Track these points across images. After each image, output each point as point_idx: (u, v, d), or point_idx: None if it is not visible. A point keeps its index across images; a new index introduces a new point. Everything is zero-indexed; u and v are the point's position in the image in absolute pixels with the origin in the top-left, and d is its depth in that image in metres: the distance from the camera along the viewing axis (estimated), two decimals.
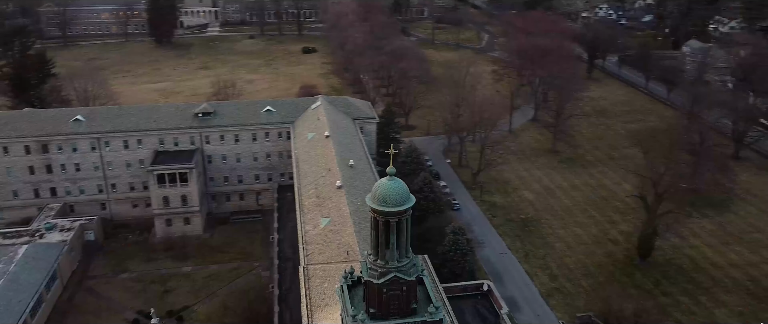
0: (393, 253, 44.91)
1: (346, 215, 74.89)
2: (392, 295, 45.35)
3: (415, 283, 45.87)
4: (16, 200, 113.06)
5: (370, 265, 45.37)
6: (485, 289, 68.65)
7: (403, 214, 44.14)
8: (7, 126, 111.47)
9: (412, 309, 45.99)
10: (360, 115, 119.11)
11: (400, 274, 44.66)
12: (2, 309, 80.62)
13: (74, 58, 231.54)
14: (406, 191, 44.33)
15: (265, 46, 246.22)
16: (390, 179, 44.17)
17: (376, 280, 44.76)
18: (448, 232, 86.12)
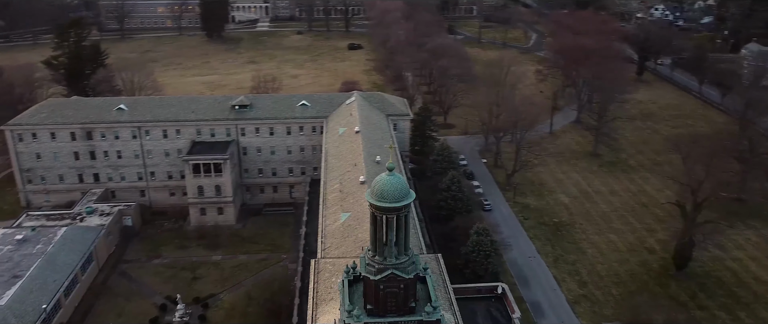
0: (391, 250, 44.45)
1: (365, 211, 74.08)
2: (390, 293, 44.91)
3: (413, 282, 45.27)
4: (62, 184, 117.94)
5: (368, 261, 45.04)
6: (499, 292, 67.21)
7: (402, 210, 43.64)
8: (55, 113, 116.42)
9: (411, 307, 45.47)
10: (394, 111, 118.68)
11: (397, 272, 44.17)
12: (38, 287, 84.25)
13: (130, 50, 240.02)
14: (405, 187, 43.77)
15: (312, 41, 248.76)
16: (389, 174, 43.70)
17: (373, 276, 44.42)
18: (472, 232, 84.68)
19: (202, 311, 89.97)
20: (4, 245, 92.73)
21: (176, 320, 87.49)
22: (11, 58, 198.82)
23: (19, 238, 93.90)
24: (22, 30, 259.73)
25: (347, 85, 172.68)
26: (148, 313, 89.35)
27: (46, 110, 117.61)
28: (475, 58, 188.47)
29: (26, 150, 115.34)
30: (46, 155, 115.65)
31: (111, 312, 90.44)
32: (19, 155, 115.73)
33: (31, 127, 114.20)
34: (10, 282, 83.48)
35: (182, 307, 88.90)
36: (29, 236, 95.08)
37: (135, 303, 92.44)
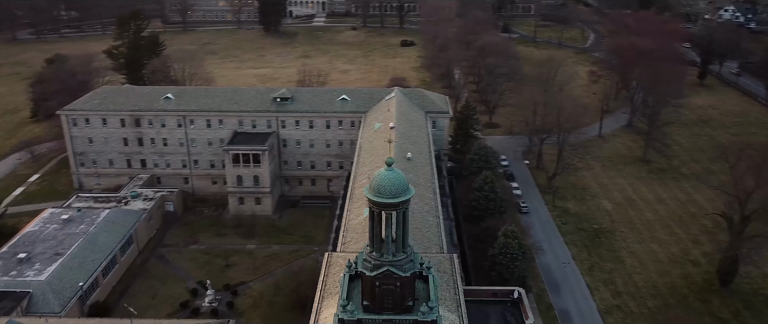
0: (388, 247, 43.77)
1: None
2: (386, 290, 44.28)
3: (411, 280, 44.44)
4: (111, 168, 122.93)
5: (365, 257, 44.55)
6: (515, 296, 65.28)
7: (399, 206, 42.88)
8: (107, 100, 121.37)
9: (408, 306, 44.69)
10: (433, 108, 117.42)
11: (393, 269, 43.46)
12: (77, 265, 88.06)
13: (191, 42, 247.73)
14: (403, 183, 42.99)
15: (365, 37, 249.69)
16: (388, 170, 43.02)
17: (369, 272, 43.89)
18: (500, 234, 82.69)
19: (231, 298, 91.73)
20: (51, 224, 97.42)
21: (205, 305, 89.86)
22: (82, 47, 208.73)
23: (65, 218, 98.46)
24: (93, 21, 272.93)
25: (395, 81, 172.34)
26: (180, 297, 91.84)
27: (99, 97, 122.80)
28: (529, 58, 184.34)
29: (79, 134, 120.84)
30: (98, 140, 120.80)
31: (145, 293, 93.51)
32: (73, 139, 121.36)
33: (84, 112, 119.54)
34: (52, 259, 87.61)
35: (212, 293, 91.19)
36: (74, 216, 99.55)
37: (169, 286, 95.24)
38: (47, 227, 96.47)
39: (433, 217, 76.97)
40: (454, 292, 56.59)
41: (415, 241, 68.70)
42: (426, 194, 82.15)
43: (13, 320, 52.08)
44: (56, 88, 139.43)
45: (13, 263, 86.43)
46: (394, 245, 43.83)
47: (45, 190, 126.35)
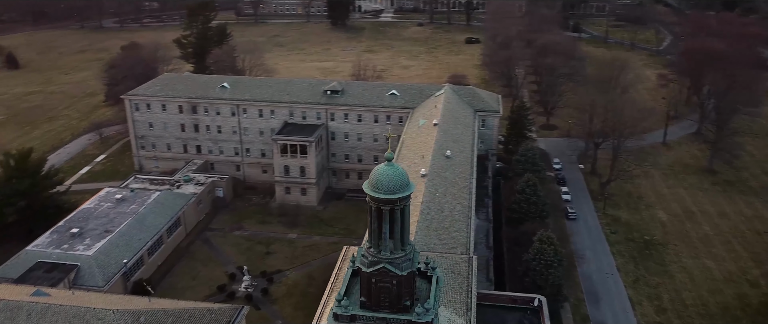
0: (386, 244, 42.89)
1: (417, 204, 73.16)
2: (382, 287, 43.46)
3: (408, 279, 43.38)
4: (169, 153, 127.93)
5: (363, 253, 43.87)
6: (536, 304, 62.73)
7: (396, 202, 41.81)
8: (167, 87, 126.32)
9: (405, 305, 43.69)
10: (483, 107, 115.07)
11: (389, 267, 42.55)
12: (124, 243, 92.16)
13: (261, 34, 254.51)
14: (402, 179, 41.90)
15: (431, 33, 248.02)
16: (388, 165, 42.07)
17: (365, 268, 43.21)
18: (535, 239, 79.86)
19: (267, 285, 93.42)
20: (105, 202, 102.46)
21: (241, 290, 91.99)
22: (158, 36, 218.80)
23: (119, 198, 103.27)
24: (172, 11, 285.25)
25: (455, 78, 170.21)
26: (219, 280, 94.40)
27: (161, 84, 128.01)
28: (598, 59, 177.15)
29: (141, 119, 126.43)
30: (157, 125, 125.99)
31: (187, 274, 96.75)
32: (135, 123, 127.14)
33: (145, 98, 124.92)
34: (102, 235, 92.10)
35: (248, 279, 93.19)
36: (127, 196, 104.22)
37: (210, 269, 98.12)
38: (101, 205, 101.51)
39: (464, 218, 75.38)
40: (466, 295, 55.03)
41: (440, 240, 67.77)
42: (460, 194, 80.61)
43: (40, 289, 54.91)
44: (125, 74, 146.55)
45: (66, 237, 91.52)
46: (393, 242, 42.88)
47: (109, 170, 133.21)
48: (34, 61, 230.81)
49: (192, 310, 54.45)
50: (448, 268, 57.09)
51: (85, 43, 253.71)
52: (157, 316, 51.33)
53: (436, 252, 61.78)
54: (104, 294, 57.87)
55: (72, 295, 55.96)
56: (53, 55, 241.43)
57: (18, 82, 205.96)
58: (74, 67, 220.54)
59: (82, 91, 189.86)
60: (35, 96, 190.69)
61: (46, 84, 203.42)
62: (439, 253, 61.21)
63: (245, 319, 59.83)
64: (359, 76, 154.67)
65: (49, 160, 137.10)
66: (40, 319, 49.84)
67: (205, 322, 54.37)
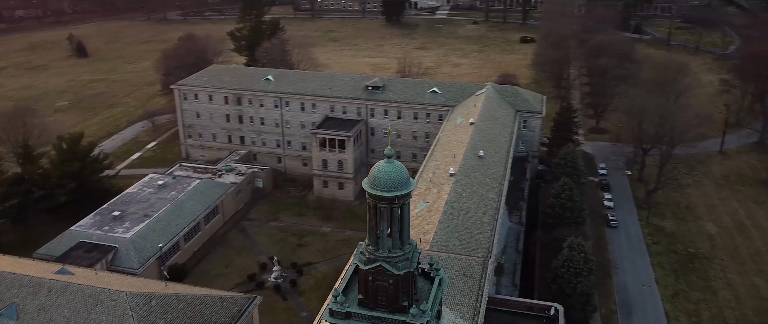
0: (384, 242, 42.23)
1: (441, 203, 72.16)
2: (379, 286, 42.86)
3: (406, 279, 42.55)
4: (214, 142, 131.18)
5: (362, 249, 43.35)
6: (552, 313, 60.49)
7: (394, 200, 41.06)
8: (214, 78, 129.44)
9: (402, 306, 42.92)
10: (526, 108, 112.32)
11: (386, 265, 41.88)
12: (161, 228, 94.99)
13: (316, 29, 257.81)
14: (400, 177, 41.10)
15: (485, 32, 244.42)
16: (387, 162, 41.35)
17: (362, 265, 42.70)
18: (565, 246, 77.19)
19: (296, 276, 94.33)
20: (148, 187, 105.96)
21: (270, 280, 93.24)
22: (217, 28, 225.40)
23: (161, 184, 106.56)
24: (232, 5, 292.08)
25: (504, 77, 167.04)
26: (250, 269, 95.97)
27: (209, 75, 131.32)
28: (656, 61, 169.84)
29: (189, 108, 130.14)
30: (204, 115, 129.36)
31: (221, 262, 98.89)
32: (183, 112, 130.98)
33: (193, 88, 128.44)
34: (141, 219, 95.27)
35: (278, 269, 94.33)
36: (169, 183, 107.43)
37: (243, 257, 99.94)
38: (144, 190, 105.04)
39: (489, 220, 73.68)
40: (476, 299, 53.66)
41: (460, 242, 66.51)
42: (488, 195, 78.88)
43: (65, 268, 57.24)
44: (178, 64, 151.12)
45: (108, 219, 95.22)
46: (391, 241, 42.19)
47: (157, 157, 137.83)
48: (102, 51, 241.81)
49: (204, 296, 55.48)
50: (460, 270, 55.88)
51: (149, 34, 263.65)
52: (169, 301, 52.54)
53: (452, 253, 60.57)
54: (126, 276, 59.77)
55: (95, 275, 58.01)
56: (119, 44, 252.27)
57: (85, 70, 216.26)
58: (137, 56, 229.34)
59: (142, 80, 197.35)
60: (99, 83, 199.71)
61: (110, 72, 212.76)
62: (453, 254, 59.98)
63: (257, 308, 60.51)
64: (404, 72, 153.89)
65: (103, 145, 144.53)
66: (58, 297, 51.92)
67: (216, 309, 55.26)
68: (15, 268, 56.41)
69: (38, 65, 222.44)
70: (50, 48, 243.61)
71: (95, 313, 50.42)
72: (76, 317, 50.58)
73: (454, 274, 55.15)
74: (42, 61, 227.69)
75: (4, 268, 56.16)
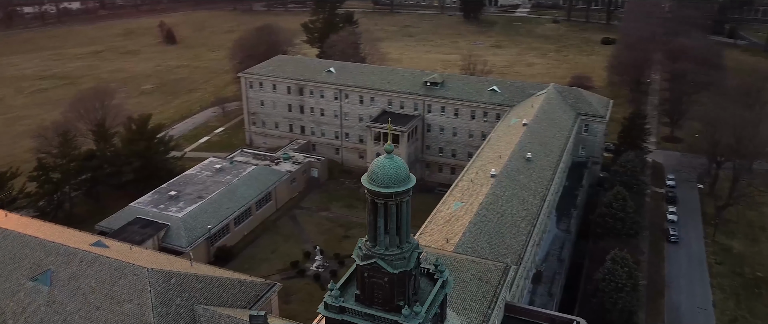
0: (381, 239, 41.47)
1: (476, 204, 70.28)
2: (375, 283, 42.19)
3: (401, 278, 41.60)
4: (276, 131, 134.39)
5: (361, 245, 42.76)
6: None
7: (391, 197, 40.17)
8: (279, 68, 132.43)
9: (397, 305, 41.97)
10: (588, 111, 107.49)
11: (381, 263, 41.14)
12: (212, 210, 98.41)
13: (393, 23, 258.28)
14: (398, 173, 40.14)
15: (565, 31, 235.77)
16: (386, 157, 40.48)
17: (359, 261, 42.13)
18: (608, 258, 73.11)
19: (337, 267, 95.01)
20: (205, 170, 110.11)
21: (312, 269, 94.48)
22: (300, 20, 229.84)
23: (218, 167, 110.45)
24: None
25: (576, 79, 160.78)
26: (294, 257, 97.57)
27: (274, 64, 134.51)
28: (747, 69, 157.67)
29: (254, 96, 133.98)
30: (268, 103, 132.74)
31: (268, 247, 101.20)
32: (249, 100, 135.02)
33: (258, 77, 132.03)
34: (194, 200, 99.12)
35: (320, 259, 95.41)
36: (225, 167, 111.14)
37: (289, 245, 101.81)
38: (202, 173, 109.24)
39: (526, 225, 71.06)
40: (488, 306, 51.72)
41: (489, 245, 64.66)
42: (529, 199, 76.08)
43: (101, 241, 60.37)
44: (249, 53, 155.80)
45: (165, 198, 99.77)
46: (388, 238, 41.38)
47: (223, 142, 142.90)
48: (189, 38, 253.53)
49: (223, 279, 56.83)
50: (476, 274, 54.07)
51: (233, 24, 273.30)
52: (188, 280, 54.21)
53: (474, 256, 58.78)
54: (157, 253, 62.33)
55: (129, 250, 60.79)
56: (205, 33, 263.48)
57: (172, 56, 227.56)
58: (220, 45, 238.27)
59: (220, 68, 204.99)
60: (182, 69, 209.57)
61: (193, 59, 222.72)
62: (475, 257, 58.16)
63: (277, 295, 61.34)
64: (468, 69, 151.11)
65: (176, 127, 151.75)
66: (87, 267, 54.84)
67: (234, 292, 56.50)
68: (57, 236, 60.10)
69: (131, 50, 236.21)
70: (143, 34, 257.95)
71: (118, 286, 52.83)
72: (101, 287, 53.22)
73: (469, 277, 53.49)
74: (134, 46, 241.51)
75: (49, 236, 59.87)
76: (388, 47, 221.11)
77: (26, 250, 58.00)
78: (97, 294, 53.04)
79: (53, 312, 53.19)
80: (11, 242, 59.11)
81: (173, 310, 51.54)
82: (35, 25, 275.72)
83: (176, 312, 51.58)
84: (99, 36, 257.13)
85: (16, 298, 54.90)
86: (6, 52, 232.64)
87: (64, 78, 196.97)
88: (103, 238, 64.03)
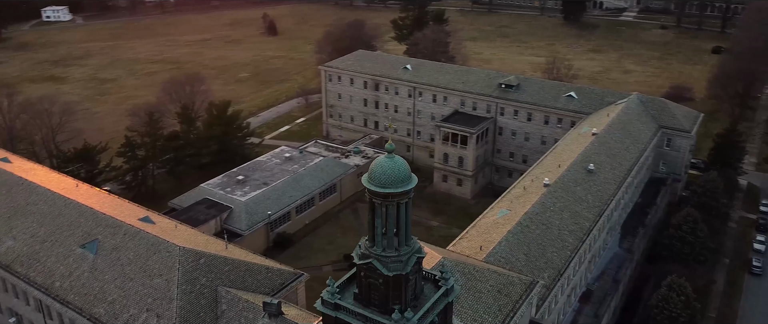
0: (379, 239, 40.64)
1: (520, 213, 67.48)
2: (371, 283, 41.45)
3: (396, 281, 40.54)
4: (351, 124, 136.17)
5: (361, 243, 42.17)
6: None
7: (388, 197, 39.21)
8: (357, 63, 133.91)
9: (390, 308, 41.02)
10: (672, 124, 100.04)
11: (376, 263, 40.32)
12: (275, 197, 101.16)
13: (489, 23, 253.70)
14: (397, 174, 39.13)
15: (673, 38, 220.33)
16: (387, 157, 39.55)
17: (357, 259, 41.55)
18: (664, 284, 67.62)
19: None
20: (275, 158, 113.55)
21: None
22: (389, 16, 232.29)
23: (287, 156, 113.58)
24: None
25: (675, 90, 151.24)
26: (348, 249, 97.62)
27: (353, 59, 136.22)
28: None
29: (332, 89, 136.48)
30: (345, 97, 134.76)
31: (326, 238, 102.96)
32: (328, 93, 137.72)
33: (337, 70, 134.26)
34: (259, 186, 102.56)
35: None
36: (294, 157, 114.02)
37: (347, 237, 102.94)
38: (272, 160, 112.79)
39: (574, 240, 67.29)
40: (502, 320, 49.36)
41: (526, 257, 62.12)
42: (583, 212, 72.01)
43: (148, 217, 63.93)
44: (335, 46, 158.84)
45: (232, 182, 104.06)
46: (386, 239, 40.58)
47: (302, 132, 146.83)
48: (289, 30, 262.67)
49: (252, 264, 58.35)
50: (495, 286, 51.79)
51: (333, 19, 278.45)
52: (216, 262, 56.20)
53: (498, 267, 56.36)
54: (196, 233, 64.55)
55: (174, 228, 63.93)
56: (306, 26, 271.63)
57: (270, 47, 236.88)
58: (316, 38, 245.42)
59: (314, 60, 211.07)
60: (278, 60, 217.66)
61: (290, 51, 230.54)
62: (496, 267, 55.70)
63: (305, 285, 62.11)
64: (551, 73, 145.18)
65: (262, 115, 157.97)
66: (129, 240, 58.35)
67: (260, 277, 57.88)
68: (113, 210, 64.37)
69: (234, 39, 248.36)
70: (248, 25, 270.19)
71: (152, 261, 55.78)
72: (137, 260, 56.43)
73: (486, 289, 51.36)
74: (238, 36, 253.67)
75: (106, 209, 64.26)
76: (480, 47, 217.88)
77: (81, 219, 62.65)
78: (133, 266, 56.30)
79: (94, 279, 57.10)
80: (71, 211, 64.10)
81: (197, 289, 53.64)
82: (155, 13, 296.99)
83: (200, 291, 53.64)
84: (209, 25, 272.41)
85: (66, 262, 59.46)
86: (127, 36, 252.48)
87: (172, 63, 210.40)
88: (156, 214, 67.61)
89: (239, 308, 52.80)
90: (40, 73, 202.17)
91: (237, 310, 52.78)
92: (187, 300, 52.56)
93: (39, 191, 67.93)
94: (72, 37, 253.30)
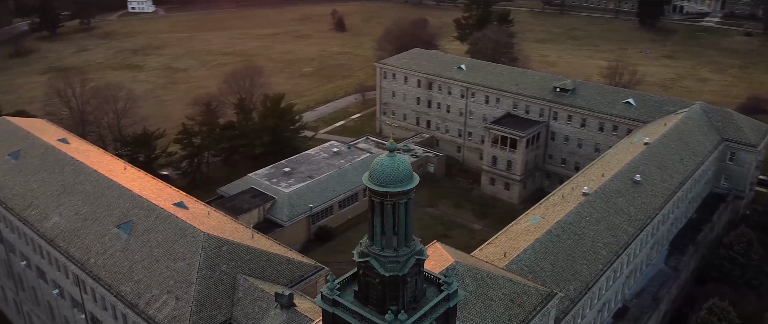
0: (378, 238, 40.18)
1: (553, 221, 65.28)
2: (369, 282, 41.08)
3: (393, 282, 39.94)
4: (404, 122, 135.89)
5: (361, 241, 41.84)
6: None
7: (386, 196, 38.68)
8: (412, 61, 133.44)
9: (386, 309, 40.48)
10: (736, 137, 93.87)
11: (374, 263, 39.91)
12: (319, 190, 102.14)
13: (559, 25, 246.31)
14: (397, 173, 38.59)
15: (757, 46, 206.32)
16: (388, 156, 38.99)
17: (356, 257, 41.26)
18: (704, 306, 63.53)
19: None
20: (323, 152, 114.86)
21: None
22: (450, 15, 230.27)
23: (335, 151, 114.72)
24: None
25: (752, 101, 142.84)
26: None
27: (408, 57, 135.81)
28: None
29: (387, 87, 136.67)
30: (398, 94, 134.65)
31: (362, 235, 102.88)
32: (382, 90, 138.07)
33: (392, 68, 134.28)
34: (304, 179, 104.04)
35: None
36: (343, 151, 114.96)
37: None
38: (320, 154, 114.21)
39: (608, 253, 64.37)
40: None
41: (552, 267, 60.28)
42: (622, 225, 68.82)
43: (183, 202, 66.07)
44: (395, 44, 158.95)
45: (279, 173, 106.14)
46: (384, 239, 40.14)
47: (356, 127, 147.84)
48: (357, 27, 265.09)
49: (272, 255, 59.20)
50: (508, 295, 50.10)
51: (399, 16, 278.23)
52: (238, 250, 57.43)
53: (516, 275, 54.56)
54: (225, 220, 66.04)
55: (207, 215, 65.80)
56: (373, 23, 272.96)
57: (337, 43, 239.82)
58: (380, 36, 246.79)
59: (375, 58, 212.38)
60: (343, 56, 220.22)
61: (355, 47, 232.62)
62: (513, 275, 53.91)
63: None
64: (613, 78, 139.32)
65: (319, 109, 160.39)
66: (160, 223, 60.60)
67: (280, 268, 58.67)
68: (149, 192, 67.09)
69: (303, 34, 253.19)
70: (317, 20, 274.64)
71: (177, 245, 57.68)
72: (165, 243, 58.52)
73: (498, 297, 49.82)
74: (307, 31, 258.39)
75: (143, 192, 67.00)
76: (548, 49, 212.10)
77: (120, 200, 65.60)
78: (160, 249, 58.41)
79: (124, 258, 59.67)
80: (112, 192, 67.24)
81: (216, 275, 55.01)
82: (229, 7, 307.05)
83: (219, 277, 54.99)
84: (279, 19, 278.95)
85: (102, 241, 62.43)
86: (202, 28, 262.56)
87: (242, 55, 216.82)
88: (193, 199, 69.72)
89: (254, 297, 53.76)
90: (120, 61, 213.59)
91: (252, 298, 53.75)
92: (205, 285, 54.00)
93: (87, 171, 71.63)
94: (153, 27, 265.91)
